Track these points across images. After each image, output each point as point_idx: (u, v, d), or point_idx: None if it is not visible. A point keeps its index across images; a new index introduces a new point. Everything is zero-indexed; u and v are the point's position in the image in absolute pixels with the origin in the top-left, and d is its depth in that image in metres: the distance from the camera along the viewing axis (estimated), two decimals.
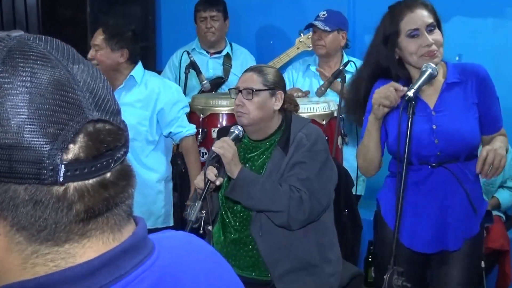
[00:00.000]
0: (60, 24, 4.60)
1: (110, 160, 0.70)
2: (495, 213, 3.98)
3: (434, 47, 2.49)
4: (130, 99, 3.39)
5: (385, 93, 2.39)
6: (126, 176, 0.74)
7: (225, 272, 0.89)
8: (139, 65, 3.48)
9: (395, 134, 2.31)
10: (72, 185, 0.68)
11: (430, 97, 2.60)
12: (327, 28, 3.83)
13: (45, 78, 0.66)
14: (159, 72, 4.54)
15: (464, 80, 2.58)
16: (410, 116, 2.22)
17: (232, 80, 4.28)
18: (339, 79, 3.67)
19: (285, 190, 2.58)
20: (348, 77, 3.74)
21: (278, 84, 2.72)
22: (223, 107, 3.65)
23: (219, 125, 3.62)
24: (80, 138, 0.67)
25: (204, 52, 4.35)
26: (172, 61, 4.32)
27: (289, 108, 2.79)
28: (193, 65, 3.75)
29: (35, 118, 0.65)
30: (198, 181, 2.56)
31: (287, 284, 2.69)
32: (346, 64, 3.72)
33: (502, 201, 4.08)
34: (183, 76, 3.70)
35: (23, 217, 0.67)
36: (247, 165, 2.71)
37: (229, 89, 2.97)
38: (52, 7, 4.76)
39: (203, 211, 2.44)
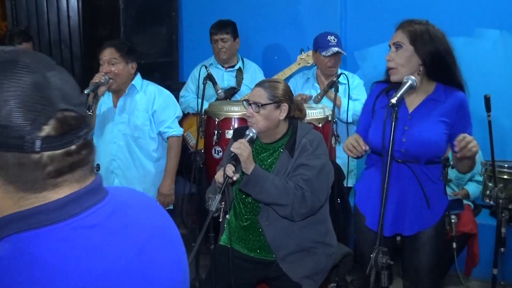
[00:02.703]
0: (98, 42, 4.60)
1: (73, 137, 0.88)
2: (465, 202, 3.97)
3: (390, 64, 2.51)
4: (134, 104, 3.49)
5: (351, 146, 2.58)
6: (87, 147, 0.91)
7: (159, 210, 1.06)
8: (138, 76, 3.57)
9: (379, 133, 2.30)
10: (45, 154, 0.85)
11: (412, 104, 2.60)
12: (344, 52, 3.92)
13: (27, 81, 0.84)
14: (183, 84, 4.56)
15: (444, 100, 2.55)
16: (393, 120, 2.21)
17: (244, 90, 4.29)
18: (333, 89, 3.68)
19: (290, 187, 2.57)
20: (340, 87, 3.75)
21: (283, 97, 2.70)
22: (235, 112, 3.65)
23: (231, 128, 3.62)
24: (51, 122, 0.85)
25: (220, 67, 4.37)
26: (193, 74, 4.33)
27: (296, 115, 2.79)
28: (210, 77, 3.75)
29: (20, 107, 0.82)
30: (218, 176, 2.55)
31: (289, 263, 2.70)
32: (339, 76, 3.71)
33: (471, 192, 4.08)
34: (202, 86, 3.71)
35: (12, 175, 0.85)
36: (258, 163, 2.70)
37: (242, 100, 2.98)
38: (91, 28, 4.78)
39: (222, 203, 2.42)
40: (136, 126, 3.49)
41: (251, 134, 2.65)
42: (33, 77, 0.85)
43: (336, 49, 3.88)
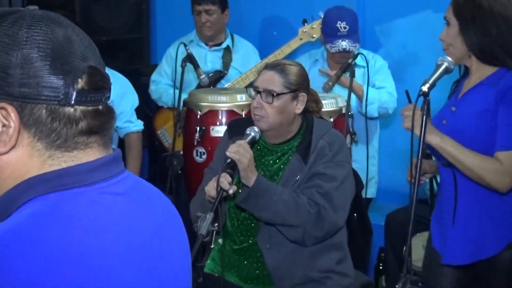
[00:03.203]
0: (47, 10, 4.61)
1: (101, 96, 1.06)
2: None
3: (443, 44, 2.55)
4: None
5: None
6: (110, 111, 1.09)
7: (165, 197, 1.24)
8: None
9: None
10: (78, 108, 1.02)
11: (465, 88, 2.61)
12: (353, 49, 3.82)
13: (60, 33, 1.02)
14: (154, 66, 4.56)
15: (495, 84, 2.49)
16: (424, 113, 2.22)
17: (232, 74, 4.29)
18: (347, 74, 3.67)
19: (303, 204, 2.56)
20: (358, 71, 3.73)
21: (301, 85, 2.68)
22: (222, 103, 3.66)
23: (218, 123, 3.63)
24: (84, 76, 1.02)
25: (203, 45, 4.37)
26: (169, 54, 4.31)
27: (310, 108, 2.78)
28: (190, 58, 3.74)
29: (55, 59, 0.99)
30: (209, 189, 2.53)
31: None
32: (355, 57, 3.68)
33: None
34: (179, 69, 3.70)
35: (43, 130, 1.00)
36: (260, 169, 2.69)
37: (246, 87, 2.94)
38: None
39: (215, 224, 2.41)
40: None
41: (253, 134, 2.63)
42: (65, 31, 1.03)
43: (344, 44, 3.81)
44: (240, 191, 2.60)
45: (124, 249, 1.03)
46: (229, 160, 2.51)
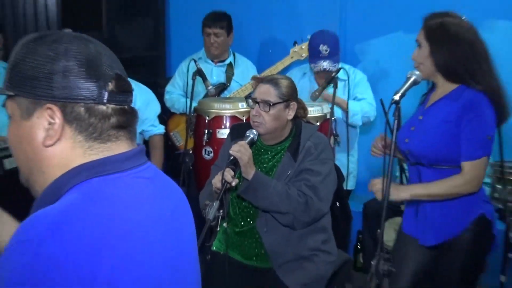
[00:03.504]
0: (80, 31, 4.61)
1: (126, 98, 1.14)
2: None
3: (415, 64, 2.55)
4: None
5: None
6: (134, 111, 1.17)
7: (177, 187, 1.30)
8: None
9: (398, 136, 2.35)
10: (110, 106, 1.10)
11: (432, 100, 2.61)
12: (332, 68, 3.77)
13: (92, 47, 1.11)
14: (169, 79, 4.56)
15: (456, 98, 2.49)
16: (396, 118, 2.22)
17: (234, 86, 4.29)
18: (331, 85, 3.66)
19: (293, 194, 2.57)
20: (339, 83, 3.73)
21: (291, 95, 2.70)
22: (226, 110, 3.66)
23: (223, 126, 3.62)
24: (113, 81, 1.10)
25: (210, 61, 4.36)
26: (181, 69, 4.31)
27: (299, 114, 2.78)
28: (199, 72, 3.74)
29: (89, 67, 1.07)
30: (216, 181, 2.55)
31: (287, 271, 2.70)
32: (338, 71, 3.66)
33: None
34: (190, 82, 3.70)
35: (83, 125, 1.08)
36: (257, 166, 2.70)
37: (246, 98, 2.95)
38: (71, 19, 4.75)
39: (220, 211, 2.42)
40: None
41: (251, 136, 2.65)
42: (95, 46, 1.12)
43: (325, 65, 3.80)
44: (241, 183, 2.61)
45: (154, 221, 1.10)
46: (232, 158, 2.53)
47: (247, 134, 2.66)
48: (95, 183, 1.07)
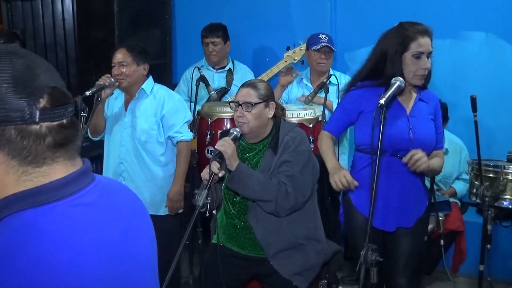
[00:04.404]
0: (93, 44, 4.58)
1: (64, 111, 0.95)
2: (452, 200, 3.98)
3: (425, 72, 2.57)
4: (143, 108, 3.38)
5: (341, 185, 2.61)
6: (75, 124, 0.98)
7: (132, 193, 1.15)
8: (150, 78, 3.45)
9: (369, 132, 2.32)
10: (44, 125, 0.92)
11: (407, 104, 2.67)
12: (334, 49, 3.88)
13: (19, 63, 0.92)
14: (175, 85, 4.54)
15: (427, 100, 2.71)
16: (382, 120, 2.22)
17: (234, 90, 4.27)
18: (323, 90, 3.67)
19: (274, 183, 2.58)
20: (331, 88, 3.73)
21: (269, 96, 2.73)
22: (227, 113, 3.65)
23: (224, 128, 3.62)
24: (45, 96, 0.92)
25: (211, 68, 4.35)
26: (185, 76, 4.32)
27: (277, 113, 2.79)
28: (202, 79, 3.74)
29: (17, 84, 0.90)
30: (204, 173, 2.57)
31: (280, 260, 2.69)
32: (329, 77, 3.71)
33: (458, 190, 4.09)
34: (194, 87, 3.69)
35: (15, 149, 0.90)
36: (244, 163, 2.70)
37: (229, 102, 2.95)
38: (86, 30, 4.75)
39: (209, 198, 2.44)
40: (143, 130, 3.36)
41: (235, 133, 2.67)
42: (23, 60, 0.94)
43: (325, 41, 3.87)
44: (227, 175, 2.63)
45: (95, 255, 0.94)
46: (217, 152, 2.56)
47: (231, 132, 2.69)
48: (26, 217, 0.90)
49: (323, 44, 3.86)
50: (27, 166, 0.93)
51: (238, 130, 2.68)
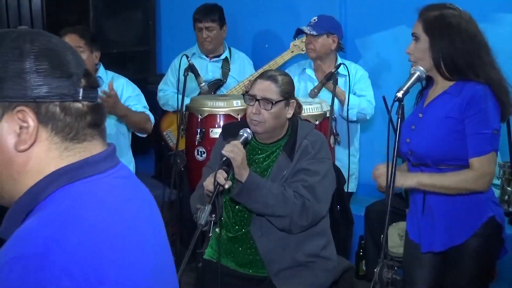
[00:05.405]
0: (64, 26, 4.60)
1: (97, 93, 1.13)
2: None
3: (411, 57, 2.51)
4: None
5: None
6: (104, 107, 1.15)
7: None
8: (101, 67, 3.64)
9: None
10: (85, 103, 1.08)
11: (430, 99, 2.58)
12: (313, 32, 3.83)
13: (57, 44, 1.09)
14: (161, 76, 4.55)
15: (457, 94, 2.48)
16: (399, 117, 2.21)
17: (230, 83, 4.29)
18: (331, 81, 3.67)
19: (289, 196, 2.55)
20: (340, 79, 3.73)
21: (291, 92, 2.70)
22: (220, 108, 3.65)
23: (216, 126, 3.61)
24: (83, 77, 1.08)
25: (204, 57, 4.36)
26: (173, 65, 4.31)
27: (295, 111, 2.76)
28: (191, 68, 3.73)
29: (60, 64, 1.06)
30: (207, 184, 2.53)
31: (284, 279, 2.69)
32: (338, 67, 3.70)
33: None
34: (182, 78, 3.70)
35: (58, 125, 1.05)
36: (251, 166, 2.68)
37: (243, 95, 2.91)
38: (56, 12, 4.75)
39: (213, 215, 2.39)
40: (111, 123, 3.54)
41: (245, 135, 2.63)
42: (59, 42, 1.10)
43: (305, 28, 3.86)
44: (234, 185, 2.59)
45: (139, 221, 1.12)
46: (224, 158, 2.50)
47: (241, 133, 2.63)
48: (79, 188, 1.06)
49: (301, 28, 3.89)
50: (69, 142, 1.07)
51: (249, 131, 2.64)
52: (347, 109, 3.76)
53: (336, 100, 3.71)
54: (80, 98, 1.07)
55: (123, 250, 1.03)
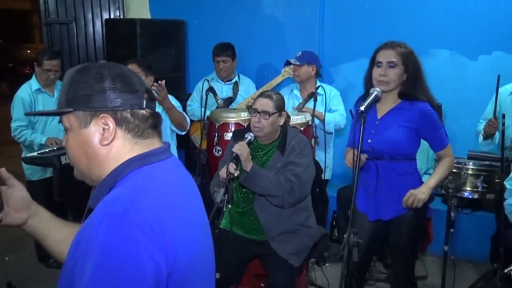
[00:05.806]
0: (119, 61, 4.57)
1: (155, 104, 1.16)
2: None
3: (384, 78, 2.47)
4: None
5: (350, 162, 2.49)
6: (159, 115, 1.17)
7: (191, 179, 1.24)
8: None
9: (353, 136, 2.33)
10: (147, 111, 1.12)
11: (382, 111, 2.57)
12: (298, 63, 3.80)
13: (125, 70, 1.12)
14: (188, 95, 4.54)
15: (408, 109, 2.50)
16: (362, 125, 2.21)
17: (239, 100, 4.27)
18: (312, 99, 3.66)
19: (282, 181, 2.56)
20: (319, 98, 3.72)
21: (282, 107, 2.70)
22: (232, 118, 3.64)
23: (229, 131, 3.61)
24: (145, 93, 1.12)
25: (220, 81, 4.33)
26: (198, 87, 4.30)
27: (285, 120, 2.76)
28: (211, 89, 3.74)
29: (129, 84, 1.10)
30: (222, 172, 2.52)
31: (278, 242, 2.69)
32: (317, 88, 3.69)
33: None
34: (204, 97, 3.69)
35: (130, 126, 1.10)
36: (254, 160, 2.67)
37: (248, 108, 2.91)
38: (114, 49, 4.77)
39: (226, 195, 2.39)
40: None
41: (249, 137, 2.63)
42: (126, 69, 1.14)
43: (292, 60, 3.82)
44: (241, 174, 2.59)
45: (192, 199, 1.15)
46: (234, 154, 2.51)
47: (246, 136, 2.64)
48: (147, 170, 1.08)
49: (289, 60, 3.86)
50: (138, 139, 1.11)
51: (252, 134, 2.64)
52: (325, 125, 3.72)
53: (317, 119, 3.69)
54: (144, 106, 1.11)
55: (179, 215, 1.04)
